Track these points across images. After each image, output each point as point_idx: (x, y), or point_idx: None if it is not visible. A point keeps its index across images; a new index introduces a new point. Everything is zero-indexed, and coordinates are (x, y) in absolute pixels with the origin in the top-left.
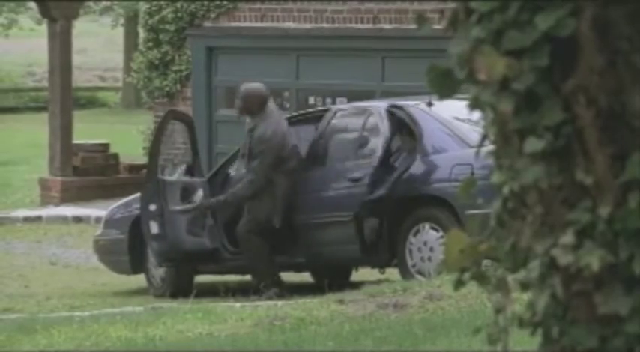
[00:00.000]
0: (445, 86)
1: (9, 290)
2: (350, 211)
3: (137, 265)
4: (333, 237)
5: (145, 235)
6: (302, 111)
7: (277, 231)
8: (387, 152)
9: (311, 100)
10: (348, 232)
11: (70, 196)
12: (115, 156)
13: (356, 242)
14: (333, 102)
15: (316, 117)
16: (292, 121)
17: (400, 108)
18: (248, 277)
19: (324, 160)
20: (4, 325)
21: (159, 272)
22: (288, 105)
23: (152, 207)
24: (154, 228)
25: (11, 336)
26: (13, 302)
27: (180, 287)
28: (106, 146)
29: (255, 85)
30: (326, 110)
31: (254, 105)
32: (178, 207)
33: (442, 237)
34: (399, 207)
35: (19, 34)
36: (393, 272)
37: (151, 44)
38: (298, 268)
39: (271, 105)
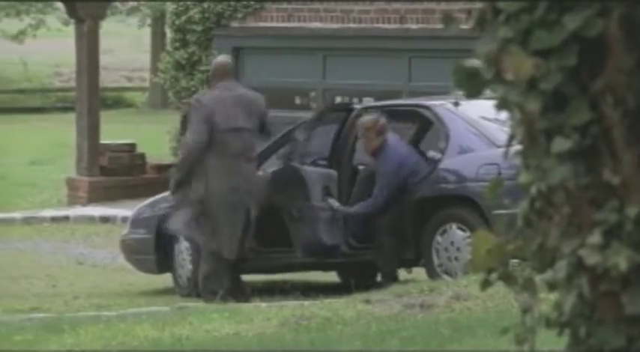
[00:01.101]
0: (472, 86)
1: (36, 289)
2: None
3: (163, 264)
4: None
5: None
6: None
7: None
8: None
9: (338, 100)
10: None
11: (97, 196)
12: (142, 156)
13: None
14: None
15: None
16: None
17: (427, 107)
18: (274, 277)
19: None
20: (32, 324)
21: (185, 271)
22: (314, 106)
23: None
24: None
25: (38, 335)
26: (41, 302)
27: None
28: (132, 146)
29: (221, 57)
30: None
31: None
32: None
33: (469, 236)
34: (426, 206)
35: (46, 35)
36: (419, 272)
37: (177, 44)
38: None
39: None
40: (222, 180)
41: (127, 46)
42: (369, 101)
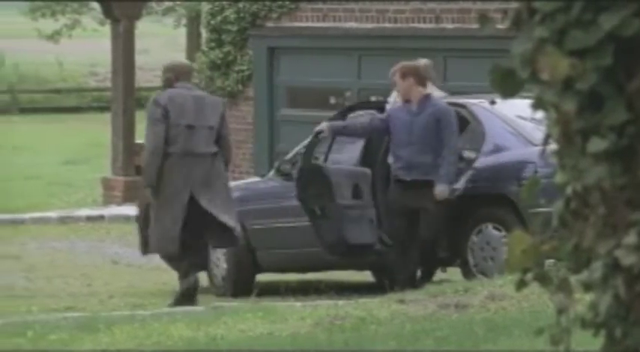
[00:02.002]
0: (508, 86)
1: (71, 289)
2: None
3: None
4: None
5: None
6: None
7: None
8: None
9: (373, 100)
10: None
11: (132, 195)
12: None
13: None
14: None
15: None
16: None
17: (463, 106)
18: (309, 276)
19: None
20: (67, 323)
21: (220, 271)
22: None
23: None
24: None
25: (73, 335)
26: (76, 301)
27: (241, 287)
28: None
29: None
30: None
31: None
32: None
33: (505, 236)
34: (461, 205)
35: (82, 35)
36: (454, 272)
37: (213, 44)
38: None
39: None
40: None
41: (162, 46)
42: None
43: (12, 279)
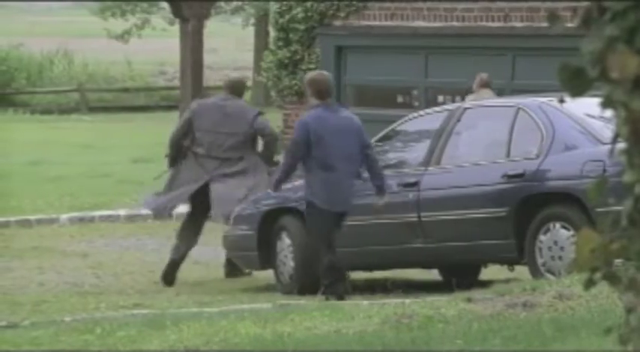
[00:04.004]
0: (577, 85)
1: (139, 286)
2: (508, 206)
3: (266, 261)
4: (487, 233)
5: None
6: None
7: None
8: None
9: (440, 99)
10: (506, 228)
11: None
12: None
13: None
14: (462, 101)
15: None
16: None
17: (532, 105)
18: (376, 274)
19: (464, 156)
20: (135, 320)
21: (287, 269)
22: (417, 104)
23: None
24: None
25: (141, 331)
26: (144, 298)
27: (308, 285)
28: None
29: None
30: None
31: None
32: None
33: (573, 235)
34: (529, 204)
35: (151, 34)
36: (522, 271)
37: (280, 43)
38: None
39: None
40: None
41: (231, 45)
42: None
43: (81, 277)
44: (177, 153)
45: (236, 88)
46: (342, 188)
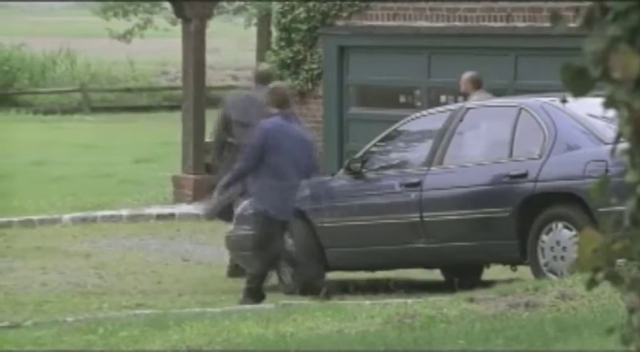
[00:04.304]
0: (579, 85)
1: (142, 286)
2: (510, 206)
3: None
4: (490, 233)
5: None
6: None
7: None
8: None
9: (442, 99)
10: (508, 228)
11: (202, 194)
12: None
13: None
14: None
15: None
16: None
17: (534, 105)
18: (378, 274)
19: (468, 156)
20: (138, 320)
21: (289, 269)
22: (419, 104)
23: None
24: None
25: (144, 331)
26: (146, 298)
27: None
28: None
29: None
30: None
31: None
32: None
33: (575, 235)
34: (531, 204)
35: (153, 34)
36: (524, 271)
37: (283, 43)
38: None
39: None
40: None
41: (233, 45)
42: None
43: (83, 277)
44: (222, 150)
45: (265, 78)
46: (291, 197)
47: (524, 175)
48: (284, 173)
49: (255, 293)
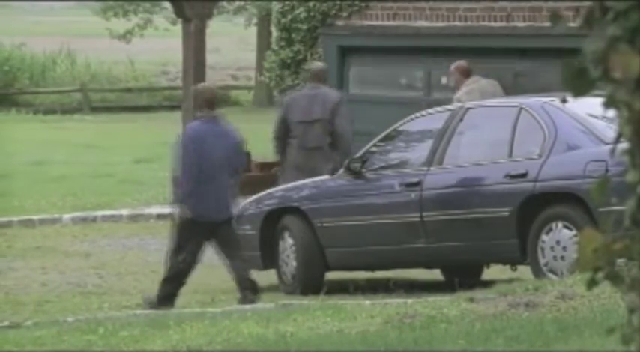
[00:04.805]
0: (580, 84)
1: (142, 286)
2: (510, 206)
3: (268, 261)
4: (490, 233)
5: None
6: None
7: None
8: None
9: (443, 80)
10: (508, 228)
11: None
12: (247, 154)
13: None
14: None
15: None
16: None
17: (534, 105)
18: (378, 274)
19: (467, 156)
20: (138, 320)
21: (289, 268)
22: (421, 93)
23: None
24: None
25: (144, 331)
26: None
27: (310, 284)
28: None
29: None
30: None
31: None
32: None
33: (575, 235)
34: (531, 204)
35: (153, 34)
36: (524, 271)
37: (283, 43)
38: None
39: None
40: None
41: (233, 45)
42: None
43: (83, 277)
44: (283, 151)
45: (321, 76)
46: (221, 198)
47: (524, 175)
48: (210, 175)
49: (165, 299)
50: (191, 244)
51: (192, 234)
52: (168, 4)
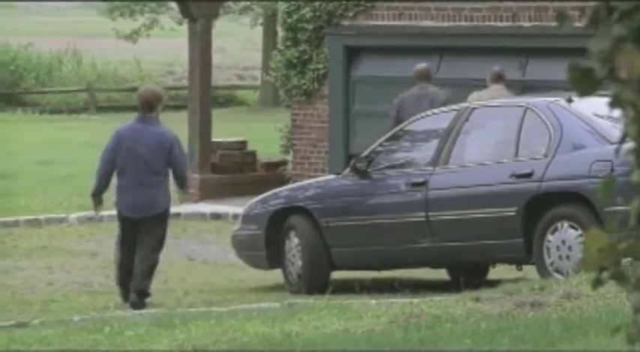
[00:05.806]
0: (585, 84)
1: None
2: (516, 206)
3: (274, 261)
4: (495, 232)
5: None
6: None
7: None
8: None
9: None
10: (514, 227)
11: (207, 193)
12: (253, 154)
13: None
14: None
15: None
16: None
17: (539, 104)
18: (383, 274)
19: (472, 155)
20: (143, 319)
21: (295, 268)
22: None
23: None
24: None
25: (150, 331)
26: (152, 297)
27: (316, 284)
28: (243, 144)
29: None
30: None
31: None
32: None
33: (581, 235)
34: (537, 204)
35: (160, 34)
36: (530, 271)
37: (289, 43)
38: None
39: None
40: None
41: (239, 44)
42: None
43: (89, 276)
44: None
45: (425, 75)
46: (146, 196)
47: (529, 175)
48: (135, 173)
49: (122, 293)
50: (126, 237)
51: (122, 226)
52: (174, 4)
